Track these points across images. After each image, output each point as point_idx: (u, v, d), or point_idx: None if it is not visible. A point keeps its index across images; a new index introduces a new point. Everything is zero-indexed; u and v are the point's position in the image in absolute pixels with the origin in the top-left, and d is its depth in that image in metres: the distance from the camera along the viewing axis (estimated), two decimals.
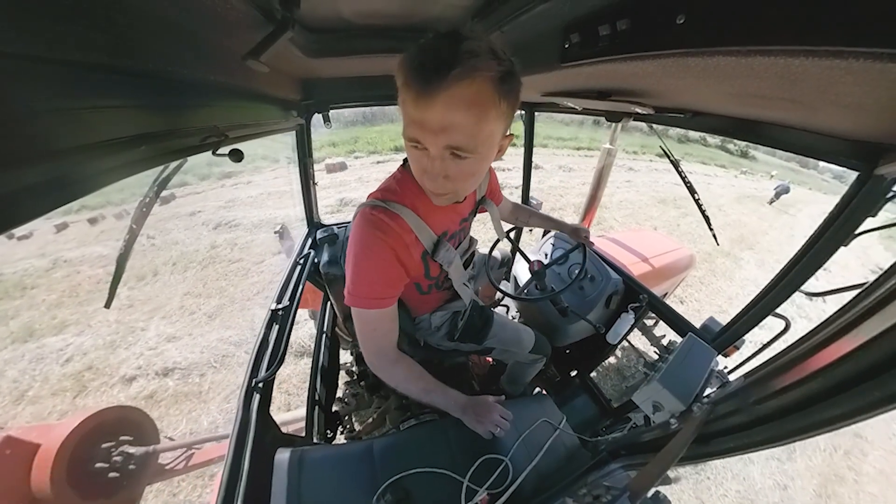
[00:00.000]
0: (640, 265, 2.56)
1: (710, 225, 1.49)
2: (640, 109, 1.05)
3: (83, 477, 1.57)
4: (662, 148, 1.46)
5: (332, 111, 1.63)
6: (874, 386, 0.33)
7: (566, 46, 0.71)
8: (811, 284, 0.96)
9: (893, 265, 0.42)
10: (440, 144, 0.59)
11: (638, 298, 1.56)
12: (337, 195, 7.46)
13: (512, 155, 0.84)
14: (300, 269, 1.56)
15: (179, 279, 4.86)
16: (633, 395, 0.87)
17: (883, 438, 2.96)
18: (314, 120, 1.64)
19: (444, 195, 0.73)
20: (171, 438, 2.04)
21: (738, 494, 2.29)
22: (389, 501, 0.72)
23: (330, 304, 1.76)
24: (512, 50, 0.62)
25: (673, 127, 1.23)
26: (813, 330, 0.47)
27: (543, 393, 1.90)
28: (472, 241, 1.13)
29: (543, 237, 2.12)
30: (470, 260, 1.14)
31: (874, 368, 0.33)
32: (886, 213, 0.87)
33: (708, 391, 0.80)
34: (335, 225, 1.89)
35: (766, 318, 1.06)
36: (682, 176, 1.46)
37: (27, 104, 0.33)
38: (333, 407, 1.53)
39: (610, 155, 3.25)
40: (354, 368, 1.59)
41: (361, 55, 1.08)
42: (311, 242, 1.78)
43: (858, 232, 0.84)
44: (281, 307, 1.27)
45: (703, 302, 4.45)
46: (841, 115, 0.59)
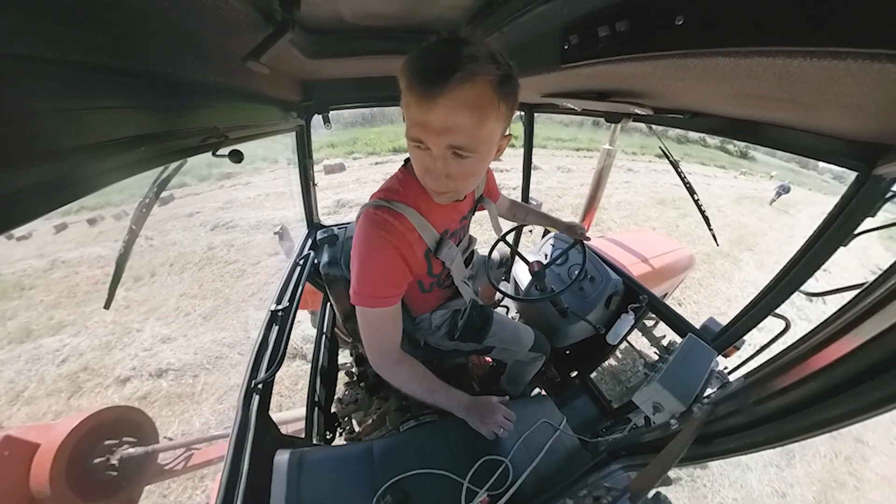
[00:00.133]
0: (639, 265, 2.56)
1: (709, 225, 1.49)
2: (639, 110, 1.05)
3: (82, 477, 1.57)
4: (662, 149, 1.46)
5: (331, 112, 1.63)
6: (874, 386, 0.33)
7: (565, 48, 0.71)
8: (811, 285, 0.96)
9: (892, 265, 0.42)
10: (442, 145, 0.61)
11: (638, 299, 1.56)
12: (334, 196, 7.43)
13: (510, 156, 0.84)
14: (300, 269, 1.55)
15: (176, 280, 4.87)
16: (633, 395, 0.87)
17: (885, 443, 2.87)
18: (314, 121, 1.65)
19: (445, 193, 0.76)
20: (169, 438, 2.04)
21: (734, 502, 2.24)
22: (389, 503, 0.72)
23: (330, 304, 1.76)
24: (511, 51, 0.62)
25: (672, 127, 1.24)
26: (813, 330, 0.47)
27: (543, 394, 1.90)
28: (471, 239, 1.15)
29: (543, 238, 2.11)
30: (470, 258, 1.16)
31: (874, 368, 0.33)
32: (886, 213, 0.87)
33: (708, 392, 0.80)
34: (335, 226, 1.89)
35: (765, 318, 1.06)
36: (681, 176, 1.46)
37: (27, 104, 0.33)
38: (333, 408, 1.53)
39: (609, 156, 3.26)
40: (354, 369, 1.58)
41: (361, 56, 1.08)
42: (310, 243, 1.78)
43: (857, 232, 0.84)
44: (280, 308, 1.27)
45: (701, 304, 4.41)
46: (839, 115, 0.59)
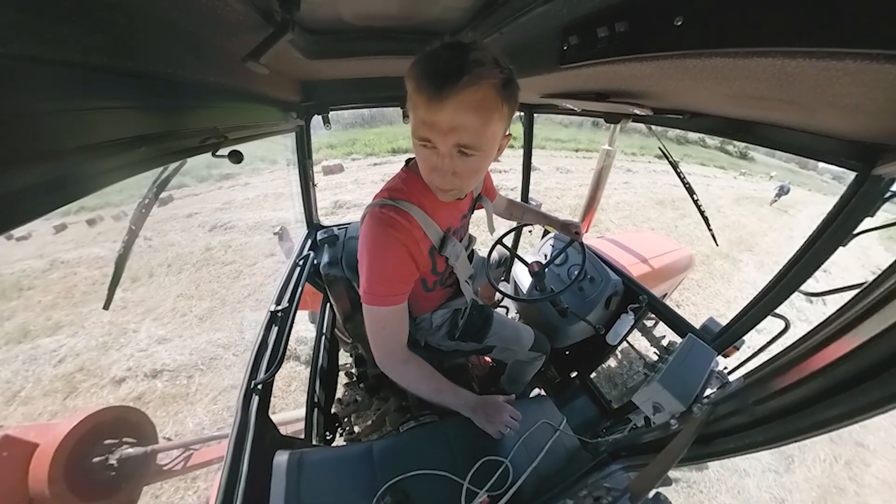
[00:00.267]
0: (639, 266, 2.57)
1: (708, 225, 1.49)
2: (638, 111, 1.05)
3: (81, 477, 1.56)
4: (661, 149, 1.46)
5: (331, 113, 1.63)
6: (874, 386, 0.33)
7: (565, 48, 0.71)
8: (810, 285, 0.96)
9: (892, 265, 0.42)
10: (450, 143, 0.64)
11: (637, 299, 1.56)
12: (332, 197, 7.37)
13: (509, 156, 0.85)
14: (300, 270, 1.55)
15: (174, 281, 4.86)
16: (633, 396, 0.87)
17: (886, 447, 2.81)
18: (313, 122, 1.65)
19: (450, 191, 0.78)
20: (168, 439, 2.04)
21: None
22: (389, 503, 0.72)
23: (329, 305, 1.76)
24: (511, 52, 0.63)
25: (671, 128, 1.24)
26: (812, 330, 0.47)
27: (543, 394, 1.90)
28: (471, 238, 1.16)
29: (543, 238, 2.11)
30: (470, 258, 1.17)
31: (874, 368, 0.33)
32: (885, 213, 0.87)
33: (708, 392, 0.80)
34: (335, 226, 1.88)
35: (765, 318, 1.06)
36: (680, 177, 1.47)
37: (27, 104, 0.33)
38: (333, 409, 1.52)
39: (609, 156, 3.27)
40: (354, 370, 1.58)
41: (361, 57, 1.08)
42: (310, 244, 1.77)
43: (857, 232, 0.84)
44: (280, 308, 1.26)
45: (699, 306, 4.38)
46: (838, 115, 0.59)
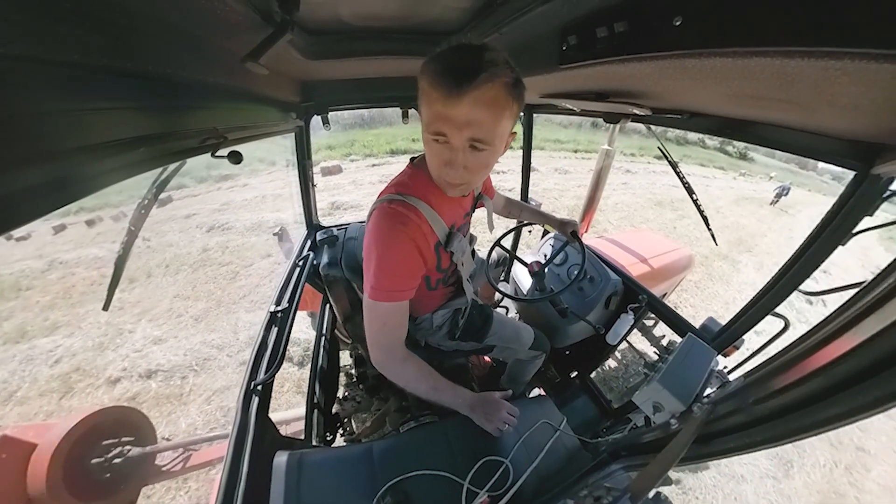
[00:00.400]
0: (639, 266, 2.57)
1: (708, 226, 1.49)
2: (637, 111, 1.05)
3: (79, 477, 1.55)
4: (661, 149, 1.46)
5: (330, 114, 1.63)
6: (874, 384, 0.33)
7: (564, 48, 0.71)
8: (809, 284, 0.96)
9: (891, 264, 0.42)
10: (464, 137, 0.67)
11: (637, 299, 1.56)
12: (330, 198, 7.37)
13: (507, 157, 0.85)
14: (299, 270, 1.55)
15: (171, 281, 4.86)
16: (633, 395, 0.87)
17: (887, 451, 2.76)
18: (313, 122, 1.65)
19: (459, 185, 0.80)
20: (167, 439, 2.03)
21: None
22: None
23: (329, 305, 1.76)
24: (510, 52, 0.63)
25: (671, 128, 1.24)
26: (812, 329, 0.47)
27: (543, 394, 1.90)
28: (472, 237, 1.16)
29: (542, 238, 2.11)
30: (472, 255, 1.18)
31: (873, 367, 0.33)
32: (884, 212, 0.87)
33: (708, 391, 0.79)
34: (335, 227, 1.88)
35: (765, 317, 1.06)
36: (680, 177, 1.47)
37: (27, 105, 0.33)
38: (333, 409, 1.52)
39: (608, 156, 3.27)
40: (354, 371, 1.58)
41: (360, 57, 1.08)
42: (310, 244, 1.77)
43: (856, 231, 0.84)
44: (280, 309, 1.26)
45: (698, 307, 4.36)
46: (837, 115, 0.59)
